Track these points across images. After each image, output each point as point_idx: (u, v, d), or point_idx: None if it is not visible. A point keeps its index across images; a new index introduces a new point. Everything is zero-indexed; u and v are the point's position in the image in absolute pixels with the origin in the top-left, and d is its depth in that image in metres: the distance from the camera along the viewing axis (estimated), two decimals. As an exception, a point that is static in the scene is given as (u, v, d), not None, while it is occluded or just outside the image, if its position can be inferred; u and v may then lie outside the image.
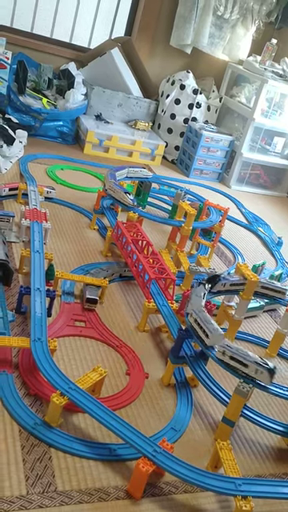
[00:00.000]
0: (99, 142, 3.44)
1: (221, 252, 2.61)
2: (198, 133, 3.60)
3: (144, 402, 1.48)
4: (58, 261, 2.04)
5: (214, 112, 3.87)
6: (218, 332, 1.41)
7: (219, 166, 3.76)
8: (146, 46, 3.86)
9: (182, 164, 3.78)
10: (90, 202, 2.62)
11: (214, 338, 1.41)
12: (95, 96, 3.60)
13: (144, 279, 1.89)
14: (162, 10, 3.77)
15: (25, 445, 1.23)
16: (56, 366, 1.37)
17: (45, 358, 1.39)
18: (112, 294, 1.96)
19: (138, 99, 3.75)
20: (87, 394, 1.30)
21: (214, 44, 3.82)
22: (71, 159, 3.22)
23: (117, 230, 2.16)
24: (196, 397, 1.57)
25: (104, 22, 3.98)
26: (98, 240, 2.34)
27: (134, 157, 3.58)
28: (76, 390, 1.30)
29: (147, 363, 1.64)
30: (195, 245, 2.51)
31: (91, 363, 1.56)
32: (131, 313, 1.89)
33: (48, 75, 3.57)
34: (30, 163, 2.91)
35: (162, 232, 2.57)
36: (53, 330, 1.64)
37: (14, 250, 2.03)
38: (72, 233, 2.33)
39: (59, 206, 2.55)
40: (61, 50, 3.77)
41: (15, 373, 1.43)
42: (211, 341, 1.41)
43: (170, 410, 1.48)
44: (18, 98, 3.24)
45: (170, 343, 1.76)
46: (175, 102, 3.72)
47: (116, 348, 1.67)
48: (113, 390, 1.49)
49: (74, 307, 1.80)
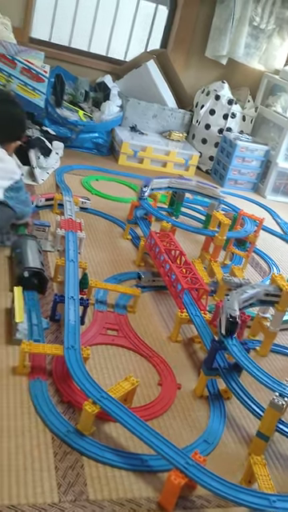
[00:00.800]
0: (134, 152, 3.47)
1: (255, 262, 2.58)
2: (232, 143, 3.58)
3: (176, 413, 1.47)
4: (91, 270, 2.06)
5: (249, 122, 3.84)
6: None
7: (254, 175, 3.72)
8: (181, 57, 3.88)
9: (217, 174, 3.76)
10: (123, 211, 2.64)
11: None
12: (130, 108, 3.64)
13: (177, 289, 1.88)
14: (197, 22, 3.79)
15: (57, 452, 1.24)
16: (88, 374, 1.38)
17: (78, 365, 1.40)
18: (144, 304, 1.96)
19: (172, 110, 3.77)
20: (119, 404, 1.30)
21: (249, 54, 3.81)
22: (106, 170, 3.26)
23: (150, 239, 2.17)
24: (229, 409, 1.54)
25: (140, 35, 4.03)
26: (131, 249, 2.35)
27: (167, 167, 3.59)
28: (108, 399, 1.31)
29: (179, 374, 1.63)
30: (229, 255, 2.48)
31: (123, 372, 1.56)
32: (163, 323, 1.88)
33: (85, 88, 3.64)
34: (66, 174, 2.96)
35: (196, 242, 2.56)
36: (86, 338, 1.66)
37: (50, 258, 2.06)
38: (106, 242, 2.35)
39: (94, 216, 2.58)
40: (97, 63, 3.85)
41: (49, 380, 1.44)
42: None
43: (203, 422, 1.46)
44: (55, 111, 3.31)
45: (203, 354, 1.74)
46: (210, 112, 3.72)
47: (148, 358, 1.67)
48: (145, 400, 1.48)
49: (107, 316, 1.81)
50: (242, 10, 3.60)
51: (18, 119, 2.05)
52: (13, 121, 2.02)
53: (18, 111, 2.04)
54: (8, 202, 1.88)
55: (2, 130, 1.96)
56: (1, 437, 1.23)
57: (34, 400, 1.36)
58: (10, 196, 1.89)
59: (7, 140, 2.00)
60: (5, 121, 1.97)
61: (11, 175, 1.90)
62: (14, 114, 2.02)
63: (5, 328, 1.59)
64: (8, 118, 1.99)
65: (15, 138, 2.05)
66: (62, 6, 3.77)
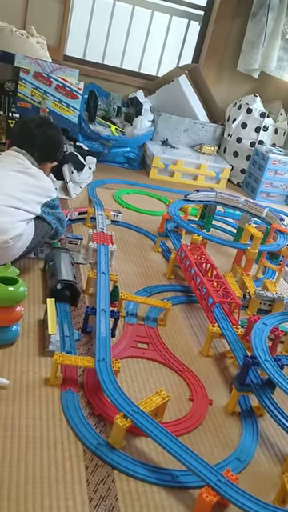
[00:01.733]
0: (165, 166, 3.49)
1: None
2: (264, 156, 3.56)
3: (207, 430, 1.45)
4: (122, 282, 2.07)
5: (281, 135, 3.82)
6: None
7: (287, 188, 3.68)
8: (213, 72, 3.90)
9: (248, 187, 3.74)
10: (154, 224, 2.65)
11: None
12: (162, 122, 3.68)
13: (208, 303, 1.87)
14: (229, 36, 3.82)
15: (89, 465, 1.24)
16: (119, 387, 1.38)
17: (109, 378, 1.40)
18: (175, 317, 1.95)
19: (204, 124, 3.78)
20: (150, 418, 1.30)
21: (282, 67, 3.79)
22: (137, 183, 3.29)
23: (181, 252, 2.16)
24: (262, 427, 1.51)
25: (172, 51, 4.08)
26: (161, 262, 2.35)
27: (198, 180, 3.59)
28: (139, 413, 1.30)
29: (211, 389, 1.61)
30: (261, 268, 2.45)
31: (154, 386, 1.55)
32: (194, 337, 1.87)
33: (117, 103, 3.70)
34: (98, 188, 3.01)
35: (227, 255, 2.54)
36: (117, 350, 1.66)
37: (82, 271, 2.09)
38: (137, 255, 2.36)
39: (125, 228, 2.61)
40: (130, 79, 3.91)
41: (80, 392, 1.45)
42: None
43: (235, 439, 1.44)
44: (88, 126, 3.38)
45: (235, 370, 1.72)
46: (242, 125, 3.72)
47: (179, 372, 1.66)
48: (175, 415, 1.47)
49: (137, 328, 1.81)
50: (275, 23, 3.60)
51: (56, 141, 2.12)
52: (50, 142, 2.09)
53: (55, 133, 2.11)
54: (45, 216, 1.92)
55: (40, 151, 2.02)
56: (33, 448, 1.24)
57: (65, 412, 1.37)
58: (46, 212, 1.93)
59: (44, 160, 2.06)
60: (43, 142, 2.04)
61: (48, 193, 1.95)
62: (51, 136, 2.09)
63: (38, 340, 1.61)
64: (46, 139, 2.06)
65: (52, 159, 2.12)
66: (95, 25, 3.87)
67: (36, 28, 3.42)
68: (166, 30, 3.99)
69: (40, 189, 1.92)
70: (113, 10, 3.85)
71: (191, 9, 3.92)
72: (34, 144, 2.01)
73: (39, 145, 2.03)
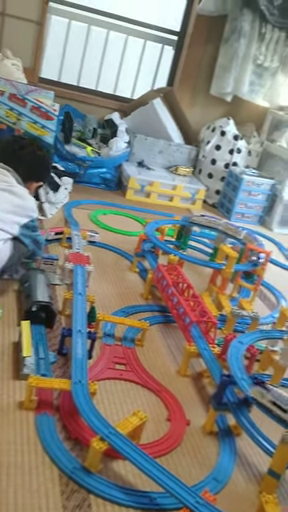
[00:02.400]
0: (141, 187, 3.53)
1: (264, 295, 2.57)
2: (238, 177, 3.63)
3: (185, 450, 1.44)
4: (99, 303, 2.06)
5: (254, 157, 3.91)
6: None
7: (260, 209, 3.75)
8: (187, 95, 3.99)
9: (223, 207, 3.80)
10: (131, 245, 2.66)
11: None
12: (137, 144, 3.72)
13: (185, 322, 1.88)
14: (202, 61, 3.92)
15: (64, 490, 1.21)
16: (96, 409, 1.37)
17: (85, 401, 1.39)
18: (153, 337, 1.95)
19: (178, 146, 3.85)
20: (127, 440, 1.28)
21: (254, 91, 3.90)
22: (114, 204, 3.31)
23: (157, 272, 2.17)
24: (239, 446, 1.51)
25: (147, 74, 4.16)
26: (138, 283, 2.36)
27: (174, 201, 3.63)
28: (116, 435, 1.29)
29: (188, 409, 1.60)
30: (237, 288, 2.48)
31: (131, 407, 1.54)
32: (172, 356, 1.87)
33: (93, 125, 3.74)
34: (75, 209, 3.01)
35: (203, 275, 2.56)
36: (93, 372, 1.65)
37: (58, 292, 2.07)
38: (114, 275, 2.36)
39: (102, 249, 2.61)
40: (105, 101, 3.96)
41: (56, 415, 1.43)
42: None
43: (213, 459, 1.43)
44: (63, 147, 3.40)
45: (212, 389, 1.72)
46: (216, 147, 3.79)
47: (156, 392, 1.65)
48: (153, 436, 1.46)
49: (115, 349, 1.80)
50: (246, 48, 3.72)
51: (43, 161, 2.14)
52: (38, 162, 2.11)
53: (43, 153, 2.14)
54: (23, 239, 1.91)
55: (26, 170, 2.03)
56: (7, 474, 1.21)
57: (40, 436, 1.34)
58: (25, 234, 1.92)
59: (30, 179, 2.07)
60: (30, 161, 2.06)
61: (29, 213, 1.95)
62: (39, 156, 2.11)
63: (12, 363, 1.59)
64: (33, 159, 2.08)
65: (38, 179, 2.13)
66: (70, 47, 3.93)
67: (11, 50, 3.46)
68: (141, 54, 4.08)
69: (22, 209, 1.91)
70: (88, 34, 3.92)
71: (165, 34, 4.03)
72: (20, 162, 2.02)
73: (27, 163, 2.03)
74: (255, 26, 3.67)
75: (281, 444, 1.27)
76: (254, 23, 3.65)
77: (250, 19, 3.62)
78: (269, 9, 3.47)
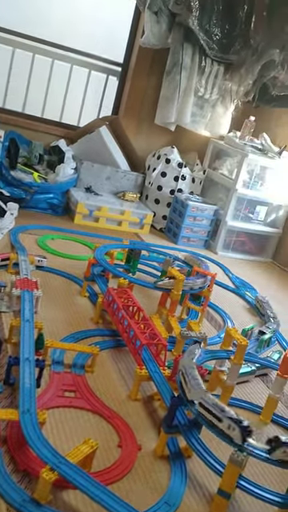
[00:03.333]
0: (89, 212, 3.54)
1: (210, 316, 2.63)
2: (184, 203, 3.73)
3: (137, 476, 1.43)
4: (48, 329, 2.03)
5: (198, 183, 4.04)
6: (200, 386, 1.40)
7: (205, 233, 3.87)
8: (132, 124, 4.09)
9: (170, 232, 3.88)
10: (80, 269, 2.66)
11: (195, 392, 1.40)
12: (85, 170, 3.76)
13: (135, 345, 1.88)
14: (146, 91, 4.04)
15: (12, 525, 1.17)
16: (45, 439, 1.33)
17: (34, 430, 1.35)
18: (103, 362, 1.93)
19: (125, 173, 3.92)
20: (78, 469, 1.26)
21: (196, 122, 4.06)
22: (62, 229, 3.30)
23: (107, 296, 2.18)
24: (190, 468, 1.51)
25: (92, 103, 4.24)
26: (88, 307, 2.35)
27: (123, 226, 3.67)
28: (66, 465, 1.26)
29: (140, 434, 1.60)
30: (185, 309, 2.52)
31: (82, 435, 1.51)
32: (123, 381, 1.86)
33: (39, 151, 3.74)
34: (21, 234, 2.97)
35: (153, 297, 2.59)
36: (42, 401, 1.61)
37: (4, 319, 2.02)
38: (63, 300, 2.34)
39: (50, 274, 2.58)
40: (51, 128, 3.98)
41: (3, 447, 1.38)
42: (192, 395, 1.40)
43: (164, 482, 1.43)
44: (9, 173, 3.37)
45: (163, 411, 1.73)
46: (161, 174, 3.89)
47: (107, 419, 1.63)
48: (104, 464, 1.44)
49: (64, 377, 1.77)
50: (188, 81, 3.87)
51: None
52: None
53: None
54: None
55: None
56: None
57: (-13, 470, 1.29)
58: None
59: None
60: None
61: None
62: None
63: None
64: None
65: None
66: (15, 75, 3.94)
67: None
68: (86, 83, 4.16)
69: None
70: (32, 62, 3.95)
71: (109, 65, 4.13)
72: None
73: None
74: (196, 60, 3.84)
75: (229, 463, 1.29)
76: (195, 57, 3.82)
77: (191, 53, 3.79)
78: (208, 43, 3.65)
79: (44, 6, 3.87)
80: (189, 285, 2.36)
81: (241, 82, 3.88)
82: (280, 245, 4.02)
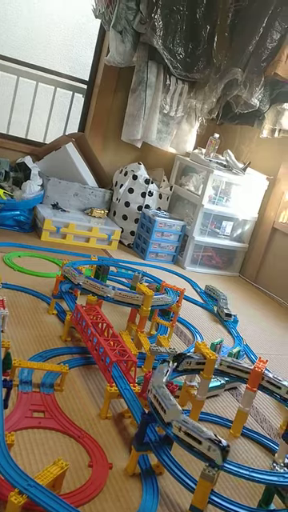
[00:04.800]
0: (56, 229, 3.52)
1: (180, 331, 2.64)
2: (151, 219, 3.76)
3: (108, 495, 1.41)
4: (15, 348, 1.99)
5: (165, 199, 4.09)
6: (176, 408, 1.40)
7: (173, 248, 3.90)
8: (98, 140, 4.11)
9: (138, 248, 3.90)
10: (48, 287, 2.63)
11: (172, 414, 1.39)
12: (51, 186, 3.74)
13: (105, 362, 1.87)
14: (112, 109, 4.08)
15: None
16: (13, 461, 1.30)
17: (1, 453, 1.32)
18: (72, 380, 1.91)
19: (93, 189, 3.92)
20: (47, 491, 1.23)
21: (162, 138, 4.12)
22: (28, 246, 3.26)
23: (76, 313, 2.16)
24: (162, 485, 1.50)
25: (58, 120, 4.25)
26: (56, 325, 2.32)
27: (91, 242, 3.67)
28: (36, 487, 1.23)
29: (111, 452, 1.58)
30: (155, 325, 2.53)
31: (51, 456, 1.48)
32: (93, 399, 1.84)
33: (4, 168, 3.70)
34: (-13, 252, 2.92)
35: (122, 314, 2.58)
36: (10, 422, 1.57)
37: None
38: (30, 319, 2.30)
39: (17, 292, 2.54)
40: (17, 144, 3.96)
41: None
42: (168, 416, 1.39)
43: (136, 501, 1.41)
44: (-25, 190, 3.32)
45: (134, 429, 1.71)
46: (129, 191, 3.92)
47: (77, 439, 1.61)
48: (75, 485, 1.41)
49: (32, 397, 1.73)
50: (153, 99, 3.94)
51: None
52: None
53: None
54: None
55: None
56: None
57: None
58: None
59: None
60: None
61: None
62: None
63: None
64: None
65: None
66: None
67: None
68: (52, 101, 4.17)
69: None
70: (-3, 80, 3.94)
71: (75, 82, 4.16)
72: None
73: None
74: (160, 78, 3.91)
75: (201, 479, 1.29)
76: (160, 75, 3.90)
77: (156, 71, 3.86)
78: (172, 62, 3.73)
79: (8, 21, 3.88)
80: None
81: (205, 99, 3.98)
82: (246, 259, 4.10)
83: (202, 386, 1.81)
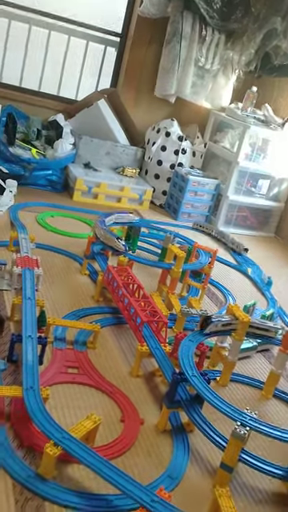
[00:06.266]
0: (88, 189, 3.51)
1: (211, 293, 2.63)
2: (184, 178, 3.69)
3: (140, 450, 1.45)
4: (49, 307, 2.04)
5: (199, 157, 3.99)
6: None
7: (206, 208, 3.84)
8: (131, 96, 4.01)
9: (170, 208, 3.85)
10: (80, 247, 2.65)
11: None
12: (83, 145, 3.70)
13: (136, 323, 1.89)
14: (145, 62, 3.95)
15: (19, 499, 1.19)
16: (49, 414, 1.35)
17: (37, 407, 1.37)
18: (105, 339, 1.95)
19: (124, 147, 3.86)
20: (81, 444, 1.28)
21: (196, 93, 3.98)
22: (61, 206, 3.27)
23: (107, 274, 2.18)
24: (192, 442, 1.54)
25: (90, 75, 4.14)
26: (89, 285, 2.35)
27: (122, 202, 3.64)
28: (70, 440, 1.28)
29: (142, 409, 1.62)
30: (186, 287, 2.52)
31: (85, 411, 1.53)
32: (124, 357, 1.88)
33: (37, 126, 3.67)
34: (21, 211, 2.95)
35: (153, 275, 2.58)
36: (45, 377, 1.62)
37: (6, 297, 2.03)
38: (63, 278, 2.34)
39: (50, 252, 2.57)
40: (49, 102, 3.91)
41: (7, 424, 1.40)
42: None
43: (167, 456, 1.45)
44: (7, 149, 3.32)
45: (165, 387, 1.74)
46: (161, 148, 3.84)
47: (109, 394, 1.65)
48: (107, 438, 1.46)
49: (67, 353, 1.78)
50: (188, 51, 3.78)
51: None
52: None
53: None
54: None
55: None
56: None
57: (-8, 446, 1.31)
58: None
59: None
60: None
61: None
62: None
63: None
64: None
65: None
66: (11, 47, 3.84)
67: None
68: (84, 55, 4.06)
69: None
70: (29, 34, 3.85)
71: (107, 35, 4.03)
72: None
73: None
74: (196, 29, 3.74)
75: (232, 437, 1.31)
76: (195, 26, 3.72)
77: (191, 22, 3.69)
78: (208, 12, 3.55)
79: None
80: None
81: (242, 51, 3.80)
82: (282, 219, 4.00)
83: (234, 348, 1.81)
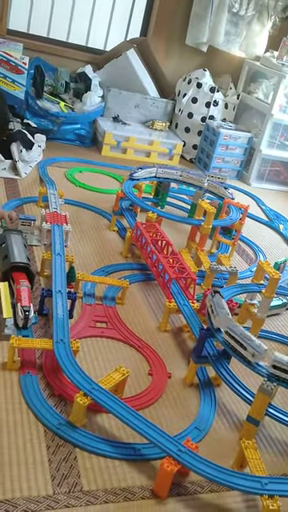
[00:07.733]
0: (117, 143, 3.45)
1: (242, 250, 2.60)
2: (215, 131, 3.58)
3: (167, 402, 1.48)
4: (78, 263, 2.05)
5: (231, 109, 3.84)
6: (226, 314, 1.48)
7: (238, 163, 3.73)
8: (161, 45, 3.86)
9: (201, 162, 3.77)
10: (109, 203, 2.63)
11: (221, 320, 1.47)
12: (112, 98, 3.61)
13: (164, 279, 1.89)
14: (176, 10, 3.77)
15: (50, 445, 1.24)
16: (79, 366, 1.39)
17: (68, 358, 1.40)
18: (133, 295, 1.96)
19: (154, 99, 3.75)
20: (110, 394, 1.31)
21: (229, 41, 3.80)
22: (89, 161, 3.24)
23: (136, 230, 2.17)
24: (219, 396, 1.56)
25: (119, 24, 3.98)
26: (117, 241, 2.35)
27: (151, 157, 3.58)
28: (99, 391, 1.31)
29: (169, 363, 1.64)
30: (215, 243, 2.49)
31: (113, 363, 1.56)
32: (152, 313, 1.89)
33: (65, 79, 3.59)
34: (49, 167, 2.94)
35: (182, 231, 2.56)
36: (75, 331, 1.66)
37: (36, 253, 2.05)
38: (92, 235, 2.35)
39: (79, 208, 2.57)
40: (77, 53, 3.80)
41: (39, 374, 1.44)
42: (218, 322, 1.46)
43: (194, 409, 1.48)
44: (35, 103, 3.28)
45: (192, 343, 1.76)
46: (192, 100, 3.71)
47: (138, 348, 1.68)
48: (135, 390, 1.49)
49: (96, 308, 1.81)
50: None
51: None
52: None
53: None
54: None
55: None
56: (-7, 433, 1.23)
57: (24, 394, 1.36)
58: None
59: None
60: None
61: None
62: None
63: (-7, 324, 1.58)
64: None
65: None
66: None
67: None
68: (113, 3, 3.89)
69: None
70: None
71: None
72: None
73: None
74: (230, -29, 3.52)
75: (259, 392, 1.31)
76: None
77: None
78: None
79: None
80: None
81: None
82: (316, 174, 3.86)
83: (263, 305, 1.80)
